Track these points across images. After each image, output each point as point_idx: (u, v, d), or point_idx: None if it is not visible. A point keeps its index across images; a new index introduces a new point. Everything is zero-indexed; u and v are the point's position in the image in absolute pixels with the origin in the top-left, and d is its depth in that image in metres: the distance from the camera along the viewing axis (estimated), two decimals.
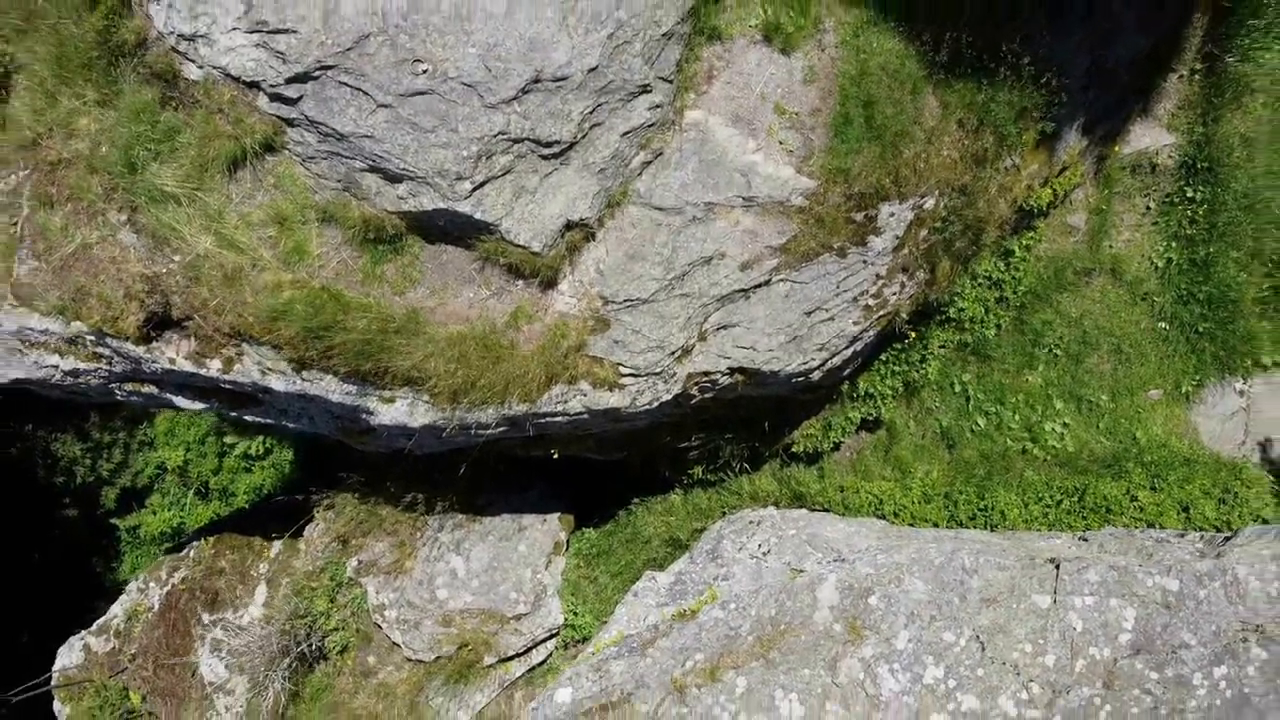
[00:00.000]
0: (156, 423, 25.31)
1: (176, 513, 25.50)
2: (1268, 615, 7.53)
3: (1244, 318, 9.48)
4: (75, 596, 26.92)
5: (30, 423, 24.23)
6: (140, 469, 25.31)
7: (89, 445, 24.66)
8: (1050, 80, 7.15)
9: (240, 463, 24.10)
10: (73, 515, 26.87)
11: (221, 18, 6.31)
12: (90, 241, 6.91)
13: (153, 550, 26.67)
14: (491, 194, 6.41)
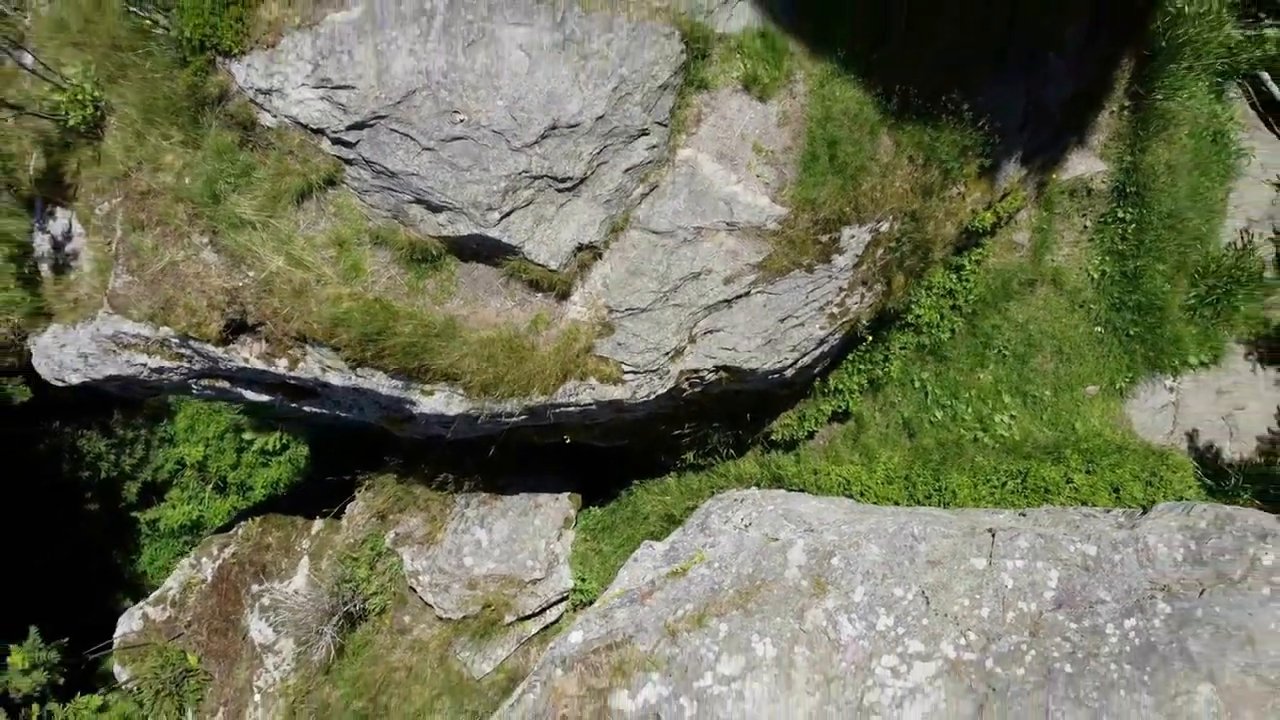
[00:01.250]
0: (177, 420, 26.65)
1: (195, 506, 26.83)
2: (1173, 577, 8.92)
3: (1171, 323, 10.86)
4: (95, 588, 28.25)
5: (58, 420, 25.53)
6: (160, 464, 26.61)
7: (113, 441, 25.97)
8: (985, 124, 8.51)
9: (258, 458, 25.43)
10: (94, 509, 28.17)
11: (293, 75, 7.68)
12: (177, 259, 8.27)
13: (171, 543, 27.98)
14: (516, 221, 7.77)
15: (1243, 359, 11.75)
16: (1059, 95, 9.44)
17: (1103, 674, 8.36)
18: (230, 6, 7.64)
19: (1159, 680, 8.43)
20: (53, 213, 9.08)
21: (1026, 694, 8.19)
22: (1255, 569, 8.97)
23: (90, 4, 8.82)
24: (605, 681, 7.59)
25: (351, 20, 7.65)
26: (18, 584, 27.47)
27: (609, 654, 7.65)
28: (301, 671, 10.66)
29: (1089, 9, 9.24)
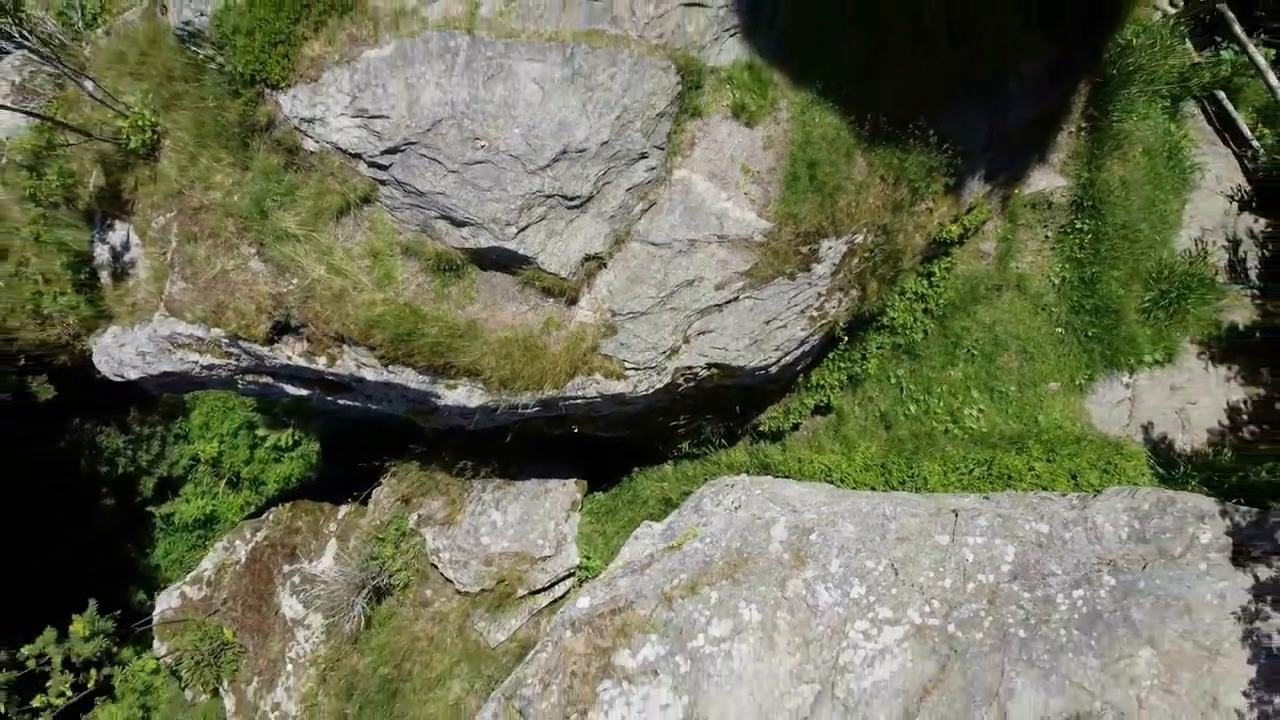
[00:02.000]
0: (192, 417, 27.66)
1: (209, 501, 27.81)
2: (1118, 552, 9.99)
3: (1126, 324, 11.92)
4: (111, 581, 29.21)
5: (78, 417, 26.55)
6: (175, 460, 27.58)
7: (130, 438, 26.97)
8: (949, 147, 9.56)
9: (271, 454, 26.41)
10: (110, 504, 29.18)
11: (333, 106, 8.73)
12: (227, 268, 9.32)
13: (186, 537, 28.94)
14: (531, 235, 8.82)
15: (1196, 358, 12.81)
16: (1020, 119, 10.50)
17: (1053, 638, 9.43)
18: (278, 45, 8.69)
19: (1104, 644, 9.51)
20: (111, 225, 10.13)
21: (984, 655, 9.26)
22: (1193, 546, 10.05)
23: (146, 39, 9.88)
24: (609, 641, 8.64)
25: (385, 57, 8.70)
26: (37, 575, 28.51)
27: (613, 617, 8.71)
28: (331, 642, 11.72)
29: (1046, 41, 10.29)
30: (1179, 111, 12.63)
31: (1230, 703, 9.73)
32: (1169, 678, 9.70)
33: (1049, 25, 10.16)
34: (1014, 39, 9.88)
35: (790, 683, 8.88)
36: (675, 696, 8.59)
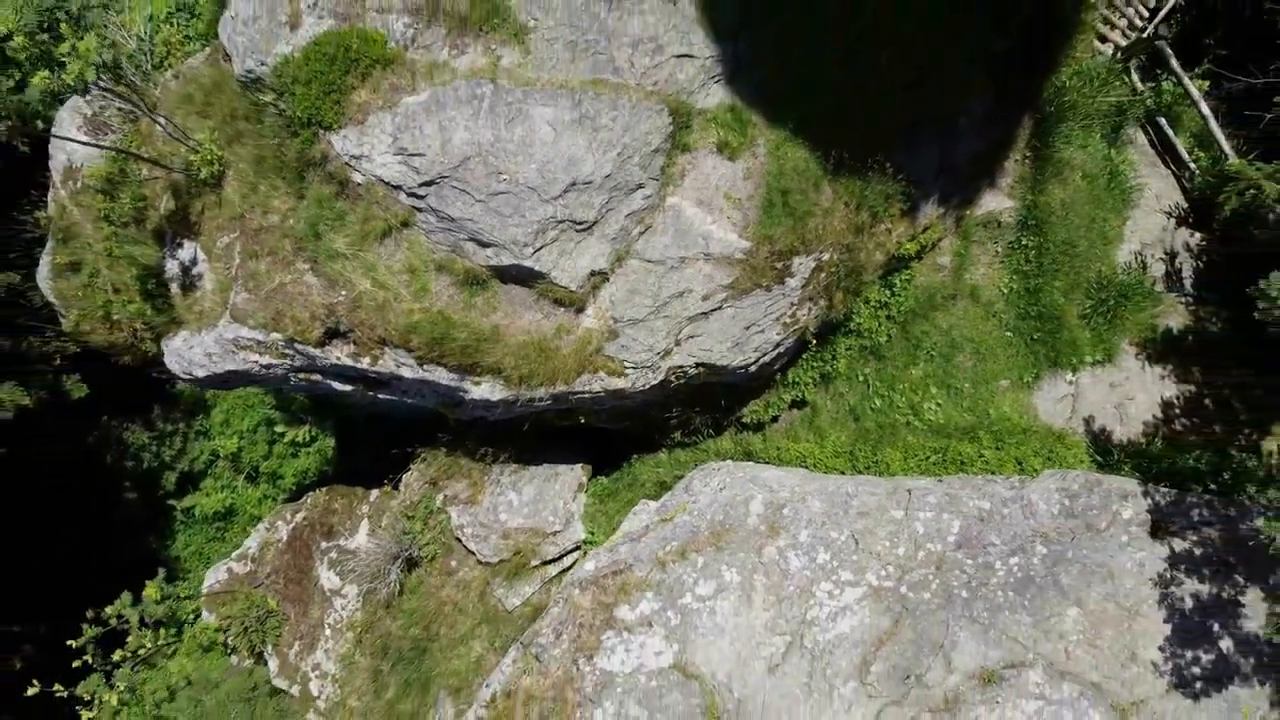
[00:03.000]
0: (213, 415, 29.30)
1: (228, 495, 29.46)
2: (1050, 526, 11.68)
3: (1068, 329, 13.60)
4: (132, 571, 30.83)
5: (106, 414, 28.22)
6: (197, 455, 29.22)
7: (155, 434, 28.65)
8: (904, 176, 11.24)
9: (288, 449, 28.02)
10: (133, 497, 30.83)
11: (378, 145, 10.41)
12: (285, 281, 11.00)
13: (205, 529, 30.56)
14: (545, 254, 10.50)
15: (1134, 358, 14.49)
16: (969, 151, 12.18)
17: (992, 599, 11.12)
18: (330, 94, 10.37)
19: (1036, 604, 11.21)
20: (180, 244, 11.80)
21: (932, 612, 10.94)
22: (1116, 521, 11.77)
23: (211, 83, 11.56)
24: (612, 598, 10.31)
25: (421, 103, 10.37)
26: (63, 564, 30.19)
27: (615, 578, 10.38)
28: (366, 609, 13.37)
29: (992, 84, 11.97)
30: (1119, 139, 14.31)
31: (1147, 656, 11.45)
32: (1093, 634, 11.38)
33: (994, 69, 11.84)
34: (962, 82, 11.55)
35: (765, 634, 10.55)
36: (667, 644, 10.28)
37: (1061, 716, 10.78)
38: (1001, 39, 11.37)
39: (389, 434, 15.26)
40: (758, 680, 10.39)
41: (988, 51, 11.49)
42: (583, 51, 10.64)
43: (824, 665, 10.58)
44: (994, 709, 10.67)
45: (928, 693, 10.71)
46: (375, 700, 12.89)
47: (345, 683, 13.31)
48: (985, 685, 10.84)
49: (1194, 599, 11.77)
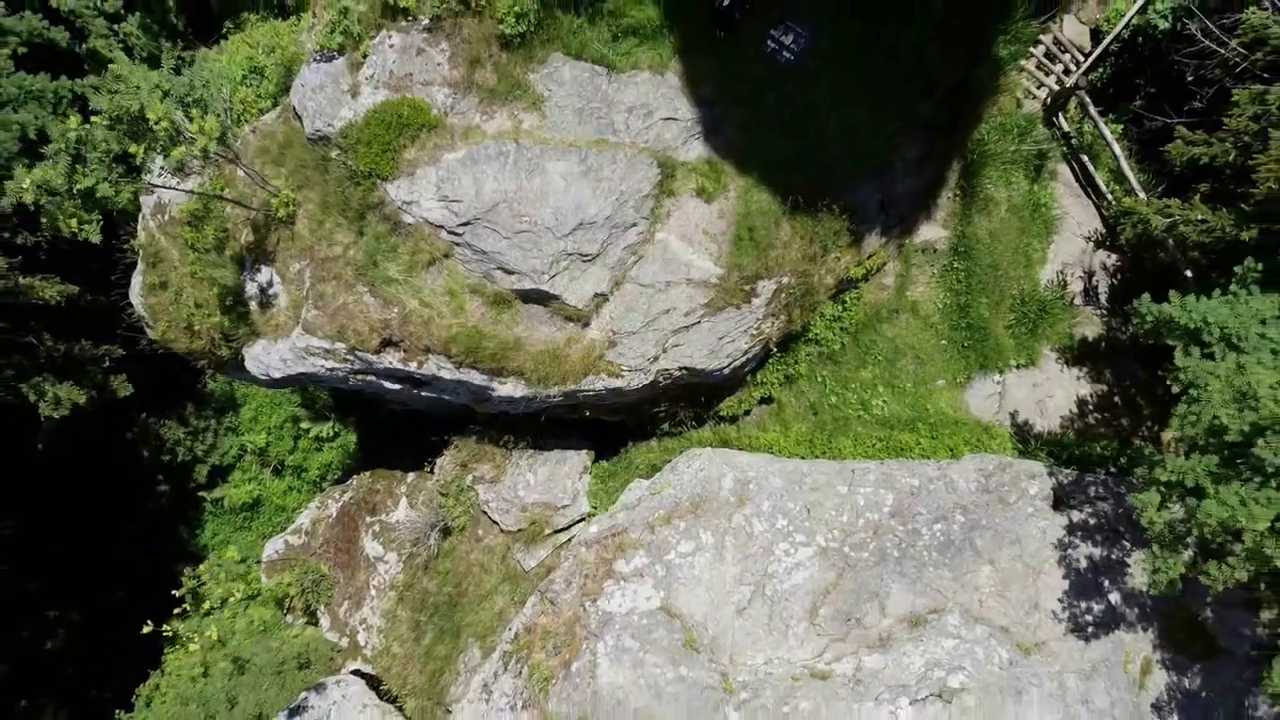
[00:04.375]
0: (242, 412, 32.10)
1: (255, 487, 32.31)
2: (968, 499, 14.53)
3: (994, 337, 16.44)
4: (162, 560, 33.67)
5: (144, 412, 31.03)
6: (226, 450, 31.99)
7: (189, 430, 31.47)
8: (848, 215, 14.09)
9: (313, 444, 30.82)
10: (166, 489, 33.65)
11: (424, 192, 13.25)
12: (347, 301, 13.84)
13: (232, 519, 33.39)
14: (558, 280, 13.35)
15: (1054, 362, 17.33)
16: (906, 191, 15.03)
17: (918, 557, 13.98)
18: (386, 152, 13.21)
19: (955, 563, 14.06)
20: (259, 268, 14.65)
21: (869, 568, 13.79)
22: (1024, 496, 14.65)
23: (284, 138, 14.41)
24: (611, 555, 13.16)
25: (459, 159, 13.21)
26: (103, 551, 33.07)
27: (613, 539, 13.24)
28: (406, 571, 16.19)
29: (923, 138, 14.81)
30: (1041, 176, 17.15)
31: (1048, 606, 14.33)
32: (1003, 587, 14.23)
33: (924, 127, 14.69)
34: (898, 137, 14.40)
35: (734, 584, 13.40)
36: (655, 591, 13.14)
37: (975, 653, 13.63)
38: (928, 103, 14.19)
39: (420, 428, 18.09)
40: (728, 620, 13.25)
41: (918, 112, 14.32)
42: (588, 116, 13.50)
43: (781, 609, 13.43)
44: (919, 645, 13.53)
45: (865, 632, 13.57)
46: (415, 646, 15.75)
47: (388, 633, 16.17)
48: (912, 627, 13.70)
49: (1088, 560, 14.63)
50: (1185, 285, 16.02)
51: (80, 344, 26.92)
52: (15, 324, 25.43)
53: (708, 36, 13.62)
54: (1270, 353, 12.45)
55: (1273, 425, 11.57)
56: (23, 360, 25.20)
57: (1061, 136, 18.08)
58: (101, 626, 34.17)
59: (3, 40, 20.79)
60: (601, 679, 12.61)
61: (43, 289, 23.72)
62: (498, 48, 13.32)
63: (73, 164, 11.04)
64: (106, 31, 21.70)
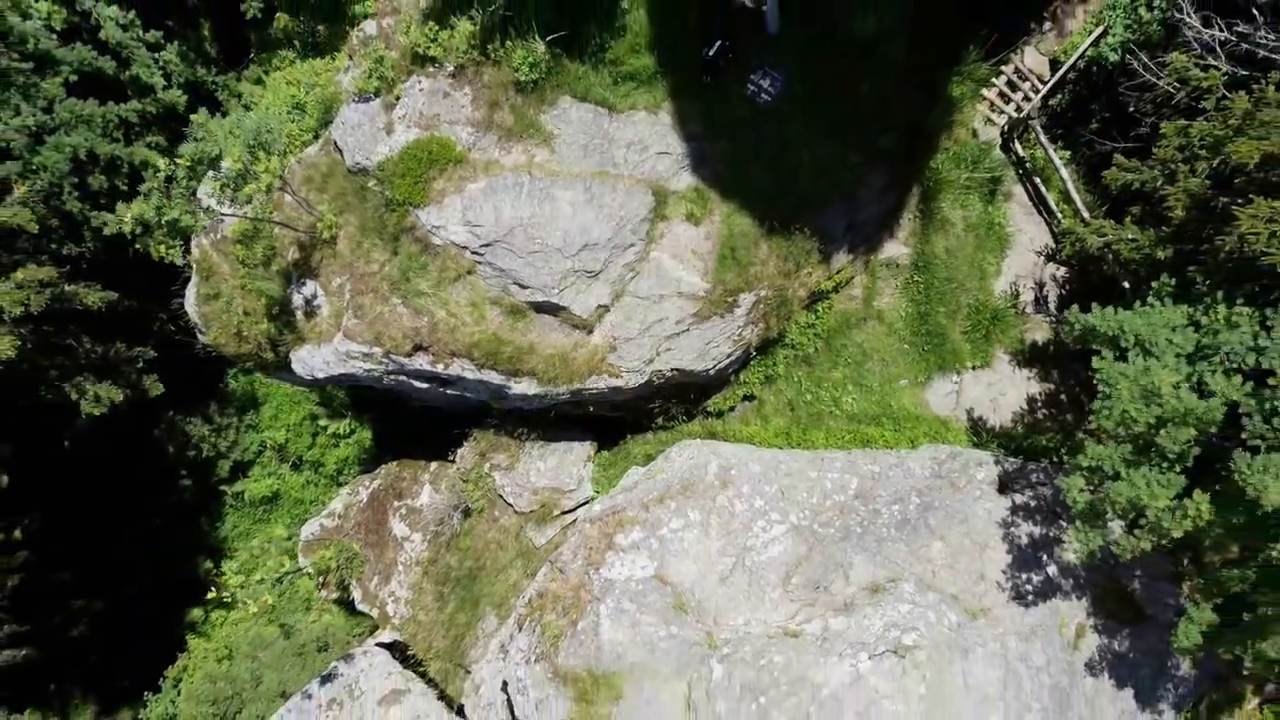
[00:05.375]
0: (262, 410, 34.37)
1: (274, 481, 34.57)
2: (923, 484, 16.87)
3: (951, 342, 18.77)
4: (184, 551, 35.90)
5: (171, 409, 33.34)
6: (247, 446, 34.25)
7: (213, 427, 33.77)
8: (818, 237, 16.43)
9: (330, 440, 33.09)
10: (189, 484, 35.89)
11: (451, 218, 15.59)
12: (383, 311, 16.18)
13: (251, 512, 35.61)
14: (566, 294, 15.69)
15: (1007, 363, 19.66)
16: (870, 214, 17.38)
17: (878, 534, 16.32)
18: (418, 183, 15.55)
19: (911, 539, 16.39)
20: (304, 282, 16.99)
21: (835, 542, 16.12)
22: (972, 481, 16.98)
23: (326, 169, 16.75)
24: (611, 530, 15.49)
25: (481, 189, 15.54)
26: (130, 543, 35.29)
27: (614, 516, 15.58)
28: (431, 548, 18.51)
29: (884, 168, 17.16)
30: (996, 198, 19.48)
31: (993, 577, 16.65)
32: (953, 560, 16.55)
33: (885, 158, 17.03)
34: (862, 167, 16.74)
35: (717, 556, 15.74)
36: (650, 561, 15.49)
37: (927, 616, 15.96)
38: (888, 138, 16.55)
39: (438, 425, 20.46)
40: (712, 587, 15.60)
41: (879, 147, 16.67)
42: (592, 151, 15.85)
43: (758, 578, 15.77)
44: (878, 609, 15.85)
45: (831, 598, 15.90)
46: (438, 614, 18.09)
47: (414, 603, 18.50)
48: (873, 593, 16.03)
49: (1028, 537, 16.96)
50: (1124, 295, 18.37)
51: (115, 346, 29.24)
52: (58, 327, 27.74)
53: (696, 82, 15.97)
54: (1174, 356, 14.79)
55: (1173, 418, 13.90)
56: (65, 361, 27.50)
57: (1017, 160, 20.44)
58: (124, 616, 36.45)
59: (56, 70, 23.14)
60: (603, 636, 14.96)
61: (86, 295, 25.99)
62: (514, 92, 15.66)
63: (161, 200, 13.36)
64: (149, 61, 24.01)
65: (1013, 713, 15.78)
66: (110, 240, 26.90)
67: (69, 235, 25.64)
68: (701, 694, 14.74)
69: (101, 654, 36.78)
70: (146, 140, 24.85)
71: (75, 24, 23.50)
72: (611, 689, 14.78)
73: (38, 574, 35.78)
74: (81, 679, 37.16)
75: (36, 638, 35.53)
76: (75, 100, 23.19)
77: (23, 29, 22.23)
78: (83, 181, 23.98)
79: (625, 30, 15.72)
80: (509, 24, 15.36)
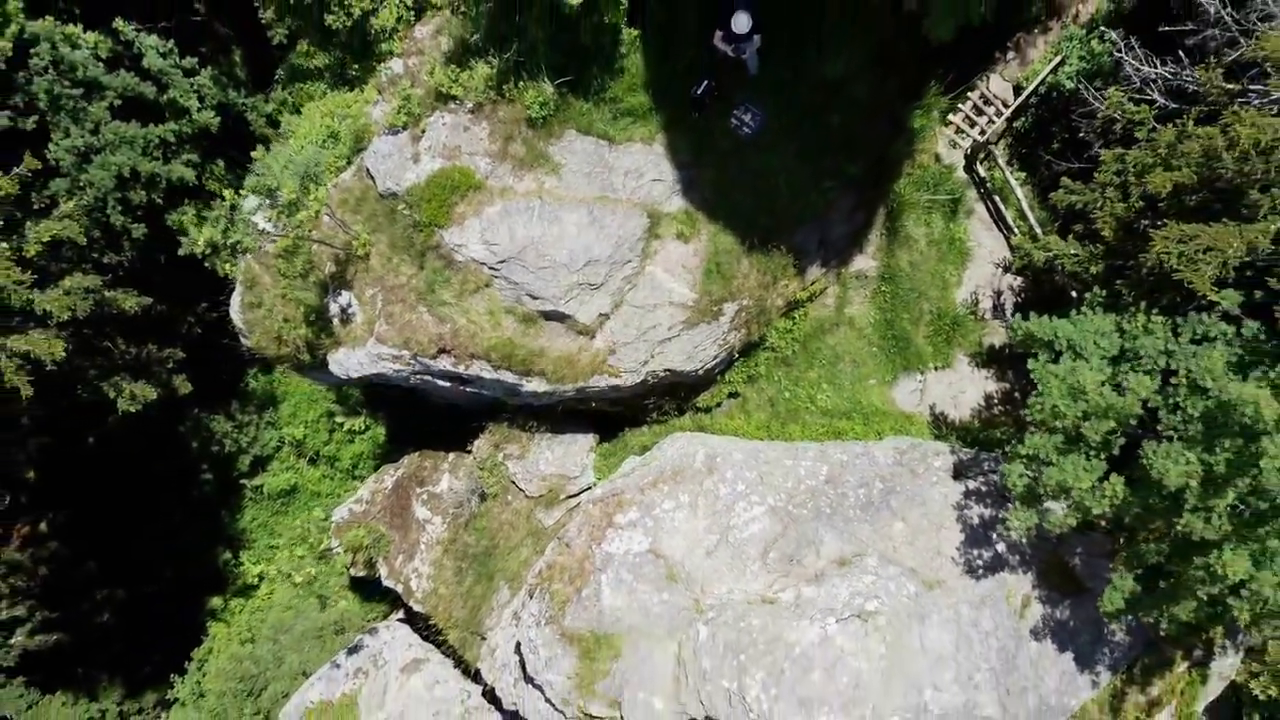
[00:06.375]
0: (281, 408, 36.87)
1: (292, 475, 37.02)
2: (886, 471, 19.41)
3: (915, 345, 21.29)
4: (203, 543, 38.34)
5: (196, 407, 35.85)
6: (267, 442, 36.72)
7: (235, 423, 36.27)
8: (792, 254, 18.96)
9: (346, 436, 35.55)
10: (210, 478, 38.35)
11: (471, 237, 18.11)
12: (411, 319, 18.71)
13: (270, 505, 38.03)
14: (572, 304, 18.22)
15: (967, 364, 22.20)
16: (840, 233, 19.91)
17: (846, 514, 18.85)
18: (442, 207, 18.07)
19: (875, 518, 18.92)
20: (340, 293, 19.52)
21: (807, 522, 18.64)
22: (929, 468, 19.51)
23: (360, 193, 19.27)
24: (611, 510, 18.01)
25: (497, 212, 18.05)
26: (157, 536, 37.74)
27: (613, 498, 18.10)
28: (450, 529, 21.03)
29: (853, 191, 19.69)
30: (957, 215, 22.01)
31: (948, 553, 19.17)
32: (912, 538, 19.07)
33: (853, 183, 19.56)
34: (832, 192, 19.27)
35: (704, 533, 18.26)
36: (645, 537, 18.03)
37: (888, 586, 18.48)
38: (856, 166, 19.09)
39: (453, 420, 23.02)
40: (699, 560, 18.14)
41: (848, 174, 19.21)
42: (594, 178, 18.37)
43: (740, 552, 18.31)
44: (845, 580, 18.37)
45: (804, 570, 18.42)
46: (457, 588, 20.62)
47: (435, 578, 21.04)
48: (841, 566, 18.55)
49: (980, 518, 19.47)
50: (1073, 303, 20.89)
51: (147, 348, 31.77)
52: (96, 330, 30.26)
53: (685, 117, 18.50)
54: (1100, 359, 17.30)
55: (1096, 412, 16.40)
56: (103, 361, 30.03)
57: (979, 181, 22.97)
58: (145, 608, 38.94)
59: (102, 95, 25.64)
60: (604, 602, 17.51)
61: (123, 300, 28.46)
62: (525, 127, 18.18)
63: (228, 225, 15.89)
64: (185, 85, 26.52)
65: (964, 671, 18.27)
66: (144, 249, 29.49)
67: (109, 245, 28.16)
68: (689, 652, 17.27)
69: (125, 642, 39.22)
70: (182, 158, 27.32)
71: (119, 53, 25.99)
72: (611, 648, 17.33)
73: (67, 565, 38.33)
74: (108, 664, 39.67)
75: (65, 625, 38.05)
76: (119, 123, 25.65)
77: (73, 58, 24.70)
78: (125, 197, 26.47)
79: (623, 72, 18.24)
80: (521, 68, 17.86)
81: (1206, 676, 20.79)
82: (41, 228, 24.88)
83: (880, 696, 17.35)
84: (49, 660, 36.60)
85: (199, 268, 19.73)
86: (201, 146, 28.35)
